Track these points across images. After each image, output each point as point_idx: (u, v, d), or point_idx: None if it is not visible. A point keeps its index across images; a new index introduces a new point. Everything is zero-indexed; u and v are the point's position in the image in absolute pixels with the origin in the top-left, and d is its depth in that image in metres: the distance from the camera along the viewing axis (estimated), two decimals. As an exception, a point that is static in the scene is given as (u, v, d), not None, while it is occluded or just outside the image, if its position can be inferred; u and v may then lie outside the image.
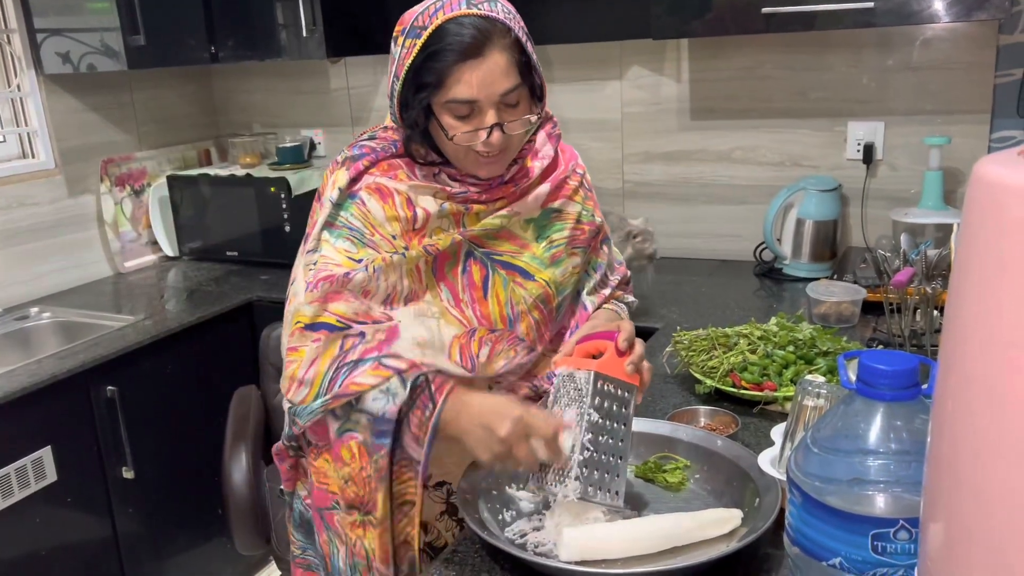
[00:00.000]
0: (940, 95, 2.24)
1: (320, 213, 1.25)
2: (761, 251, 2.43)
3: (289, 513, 1.43)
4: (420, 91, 1.16)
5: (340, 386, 1.17)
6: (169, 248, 3.00)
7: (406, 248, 1.22)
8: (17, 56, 2.62)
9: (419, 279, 1.23)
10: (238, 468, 1.71)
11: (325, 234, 1.23)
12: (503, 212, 1.27)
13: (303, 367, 1.19)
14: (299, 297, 1.22)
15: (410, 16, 1.18)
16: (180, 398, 2.39)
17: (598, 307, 1.42)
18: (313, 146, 3.11)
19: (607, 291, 1.44)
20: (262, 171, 2.88)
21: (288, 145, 2.96)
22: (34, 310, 2.51)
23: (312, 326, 1.20)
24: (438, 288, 1.25)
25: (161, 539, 2.36)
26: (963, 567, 0.52)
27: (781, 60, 2.39)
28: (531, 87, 1.20)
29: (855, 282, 2.00)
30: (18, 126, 2.67)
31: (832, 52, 2.33)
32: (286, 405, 1.25)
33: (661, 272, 2.46)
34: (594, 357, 1.16)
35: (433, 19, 1.14)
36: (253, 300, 2.55)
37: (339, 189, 1.23)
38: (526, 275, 1.29)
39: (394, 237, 1.23)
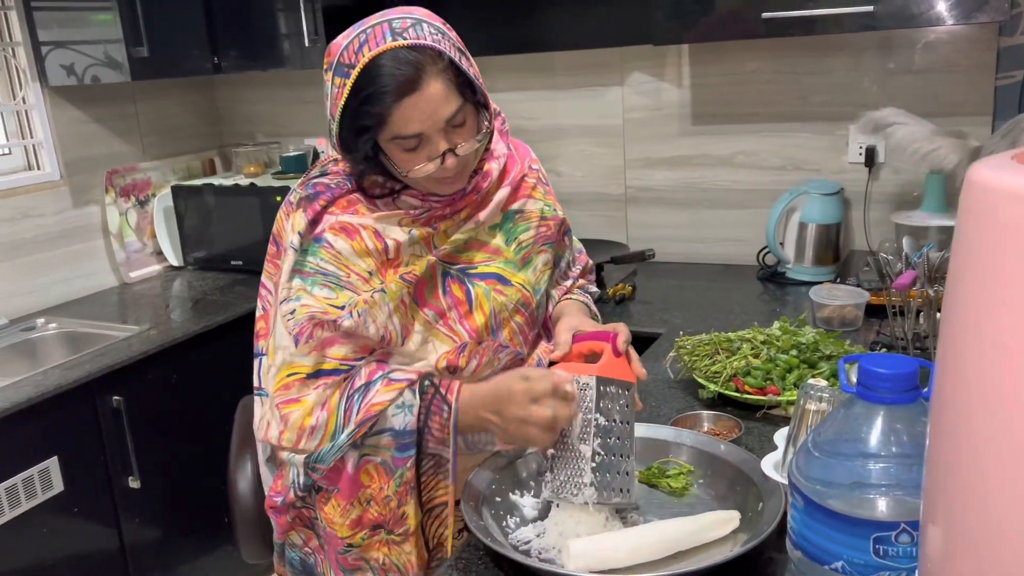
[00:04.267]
0: (941, 98, 2.24)
1: (285, 261, 1.20)
2: (764, 255, 2.43)
3: (280, 560, 1.40)
4: (361, 133, 1.11)
5: (360, 411, 1.16)
6: (174, 258, 3.01)
7: (382, 284, 1.19)
8: (22, 69, 2.63)
9: (406, 313, 1.22)
10: (243, 477, 1.70)
11: (298, 282, 1.19)
12: (468, 225, 1.26)
13: (313, 414, 1.18)
14: (288, 349, 1.18)
15: (336, 48, 1.13)
16: (186, 407, 2.39)
17: (559, 300, 1.42)
18: (316, 155, 3.12)
19: (568, 283, 1.45)
20: (266, 180, 2.89)
21: (292, 154, 2.97)
22: (40, 321, 2.53)
23: (315, 374, 1.18)
24: (423, 313, 1.24)
25: (168, 548, 2.37)
26: (962, 569, 0.52)
27: (782, 64, 2.40)
28: (474, 103, 1.16)
29: (858, 285, 2.00)
30: (23, 138, 2.68)
31: (833, 56, 2.33)
32: (297, 458, 1.21)
33: (664, 277, 2.47)
34: (587, 357, 1.19)
35: (359, 56, 1.09)
36: (257, 309, 2.55)
37: (299, 234, 1.18)
38: (504, 281, 1.29)
39: (370, 274, 1.19)
